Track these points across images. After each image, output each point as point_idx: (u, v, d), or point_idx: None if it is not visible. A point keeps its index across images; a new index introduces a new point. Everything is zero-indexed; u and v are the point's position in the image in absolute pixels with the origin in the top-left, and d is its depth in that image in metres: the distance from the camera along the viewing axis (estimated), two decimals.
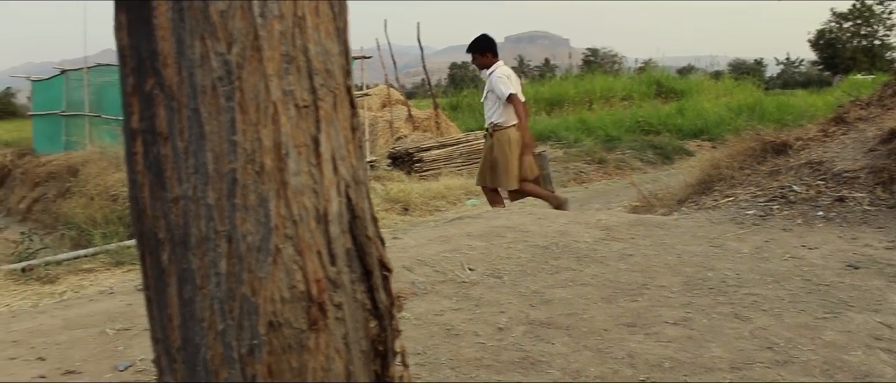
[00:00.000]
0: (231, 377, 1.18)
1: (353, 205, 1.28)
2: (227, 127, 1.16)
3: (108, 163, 12.38)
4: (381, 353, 1.31)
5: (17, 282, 7.33)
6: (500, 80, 7.22)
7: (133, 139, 1.22)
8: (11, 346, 4.05)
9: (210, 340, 1.18)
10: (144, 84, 1.19)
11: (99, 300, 5.04)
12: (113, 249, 8.43)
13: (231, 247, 1.17)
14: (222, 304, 1.17)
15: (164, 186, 1.19)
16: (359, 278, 1.28)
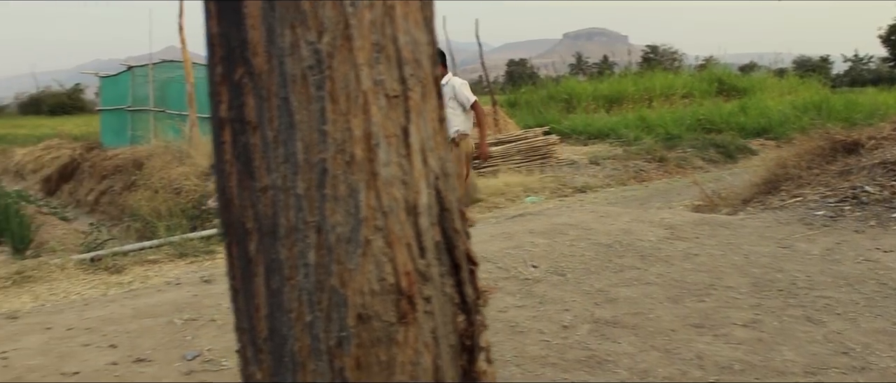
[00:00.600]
0: (318, 369, 1.17)
1: (441, 198, 1.26)
2: (317, 116, 1.15)
3: (171, 157, 12.61)
4: (469, 348, 1.28)
5: (87, 272, 7.50)
6: (465, 87, 7.15)
7: (221, 128, 1.22)
8: (85, 333, 4.14)
9: (298, 331, 1.17)
10: (234, 73, 1.18)
11: (166, 290, 5.13)
12: (176, 241, 8.57)
13: (320, 238, 1.16)
14: (311, 296, 1.16)
15: (253, 176, 1.18)
16: (448, 271, 1.26)
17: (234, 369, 3.48)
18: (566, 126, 17.11)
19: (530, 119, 18.11)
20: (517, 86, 29.40)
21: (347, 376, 1.16)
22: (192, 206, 10.33)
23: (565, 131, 16.30)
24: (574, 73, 42.70)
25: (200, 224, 9.66)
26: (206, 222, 9.67)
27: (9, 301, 6.47)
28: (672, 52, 44.87)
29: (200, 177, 11.23)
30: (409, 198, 1.19)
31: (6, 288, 6.86)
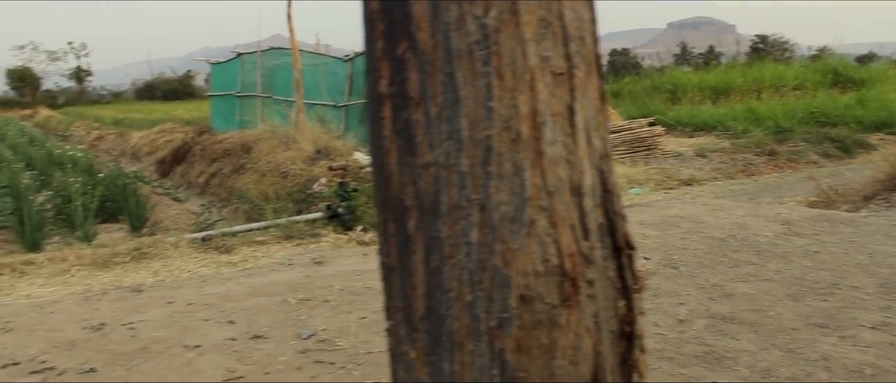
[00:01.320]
0: (477, 350, 1.15)
1: (604, 179, 1.22)
2: (483, 92, 1.13)
3: (278, 142, 12.89)
4: (628, 335, 1.24)
5: (198, 250, 7.74)
6: None
7: (380, 104, 1.21)
8: (204, 309, 4.27)
9: (457, 311, 1.15)
10: (396, 48, 1.17)
11: (279, 270, 5.25)
12: (283, 224, 8.75)
13: (484, 217, 1.13)
14: (472, 275, 1.14)
15: (414, 152, 1.16)
16: (610, 254, 1.22)
17: (349, 349, 3.52)
18: (671, 117, 16.71)
19: (634, 109, 17.76)
20: (620, 76, 28.91)
21: (507, 358, 1.14)
22: (297, 190, 10.54)
23: (670, 122, 15.93)
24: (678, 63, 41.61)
25: (306, 207, 9.85)
26: (311, 206, 9.85)
27: (128, 275, 6.75)
28: (783, 41, 43.14)
29: (306, 162, 11.45)
30: (574, 179, 1.16)
31: (125, 263, 7.15)
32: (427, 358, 1.20)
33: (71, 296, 5.06)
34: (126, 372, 3.39)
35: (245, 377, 3.24)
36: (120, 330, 3.98)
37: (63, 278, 6.81)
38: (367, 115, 1.27)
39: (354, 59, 14.49)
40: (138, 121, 27.20)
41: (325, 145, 11.87)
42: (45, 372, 3.46)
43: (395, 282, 1.23)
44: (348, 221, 8.66)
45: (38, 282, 6.81)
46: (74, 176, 12.78)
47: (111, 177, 12.89)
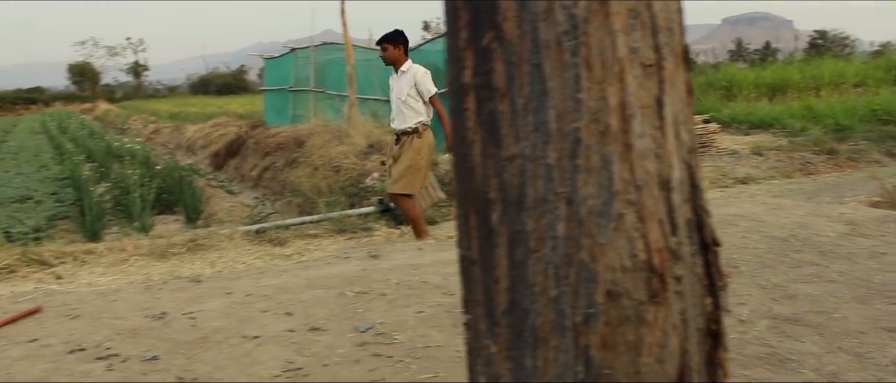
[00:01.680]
0: (561, 346, 1.13)
1: (692, 173, 1.19)
2: (571, 84, 1.11)
3: (331, 136, 12.98)
4: (714, 333, 1.21)
5: (252, 242, 7.83)
6: (427, 77, 6.85)
7: (464, 95, 1.20)
8: (262, 300, 4.32)
9: (541, 306, 1.14)
10: (481, 38, 1.15)
11: (335, 263, 5.28)
12: (336, 217, 8.81)
13: (570, 210, 1.12)
14: (557, 269, 1.12)
15: (499, 144, 1.15)
16: (697, 251, 1.19)
17: (406, 343, 3.53)
18: (726, 114, 16.41)
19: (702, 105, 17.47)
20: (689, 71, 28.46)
21: (592, 355, 1.12)
22: (350, 184, 10.61)
23: (725, 120, 15.65)
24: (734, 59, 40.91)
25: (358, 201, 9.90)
26: (363, 200, 9.90)
27: (185, 265, 6.86)
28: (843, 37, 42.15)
29: (359, 156, 11.51)
30: (663, 173, 1.13)
31: (182, 254, 7.26)
32: (509, 353, 1.18)
33: (132, 285, 5.16)
34: (187, 361, 3.44)
35: (304, 369, 3.26)
36: (180, 319, 4.04)
37: (122, 267, 6.95)
38: (450, 106, 1.26)
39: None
40: (193, 115, 27.62)
41: (378, 140, 11.92)
42: (109, 358, 3.53)
43: (476, 276, 1.22)
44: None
45: (98, 270, 6.96)
46: (132, 168, 13.04)
47: (168, 169, 13.12)
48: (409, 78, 6.78)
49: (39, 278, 6.77)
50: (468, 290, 1.26)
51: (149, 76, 72.11)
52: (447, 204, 9.20)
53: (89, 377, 3.31)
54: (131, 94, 63.62)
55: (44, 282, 6.61)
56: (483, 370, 1.23)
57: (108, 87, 68.60)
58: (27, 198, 12.21)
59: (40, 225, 10.18)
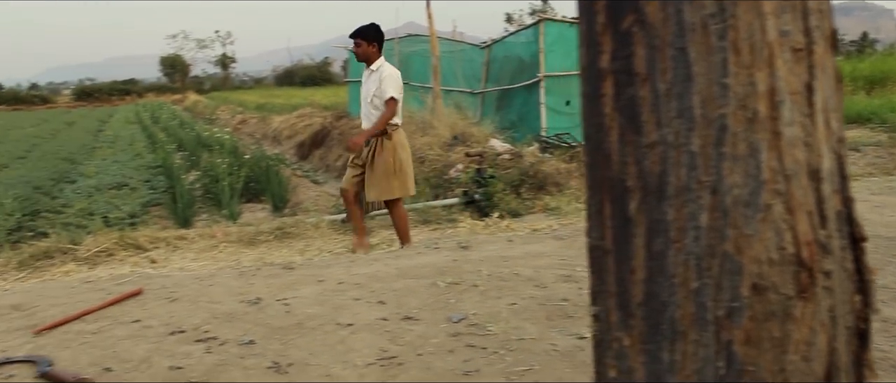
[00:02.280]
0: (702, 340, 1.10)
1: (841, 163, 1.14)
2: (717, 68, 1.07)
3: (415, 128, 13.03)
4: (861, 332, 1.16)
5: (338, 231, 7.92)
6: (391, 80, 6.43)
7: (600, 80, 1.17)
8: (354, 288, 4.36)
9: (681, 298, 1.10)
10: (621, 21, 1.12)
11: (426, 253, 5.30)
12: (420, 208, 8.85)
13: (715, 200, 1.08)
14: (699, 261, 1.09)
15: (639, 131, 1.12)
16: (847, 245, 1.14)
17: (500, 335, 3.51)
18: None
19: None
20: None
21: (735, 350, 1.08)
22: (434, 175, 10.64)
23: None
24: None
25: (442, 192, 9.93)
26: (448, 191, 9.92)
27: (272, 253, 6.99)
28: None
29: (443, 147, 11.53)
30: (812, 162, 1.09)
31: (269, 241, 7.40)
32: (643, 346, 1.15)
33: (227, 271, 5.28)
34: (282, 346, 3.50)
35: (398, 357, 3.27)
36: (275, 305, 4.11)
37: (212, 253, 7.13)
38: (581, 91, 1.23)
39: (491, 46, 14.49)
40: (279, 106, 28.13)
41: (462, 131, 11.94)
42: (208, 341, 3.61)
43: (609, 266, 1.19)
44: (485, 207, 8.68)
45: (190, 255, 7.16)
46: (221, 157, 13.36)
47: (255, 158, 13.39)
48: (377, 78, 6.43)
49: (135, 262, 7.00)
50: (599, 281, 1.23)
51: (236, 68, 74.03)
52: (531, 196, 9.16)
53: (189, 358, 3.39)
54: (219, 85, 65.38)
55: (139, 265, 6.83)
56: (614, 363, 1.20)
57: (197, 79, 70.68)
58: (123, 184, 12.63)
59: (135, 210, 10.52)
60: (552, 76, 12.19)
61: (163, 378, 3.19)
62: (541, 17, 13.16)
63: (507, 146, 10.96)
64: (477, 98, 14.32)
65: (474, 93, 14.46)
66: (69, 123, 34.46)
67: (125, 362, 3.40)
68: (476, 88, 14.50)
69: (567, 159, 10.42)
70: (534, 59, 12.44)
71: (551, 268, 4.65)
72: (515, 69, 13.39)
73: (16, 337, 3.91)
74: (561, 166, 10.10)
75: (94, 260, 7.19)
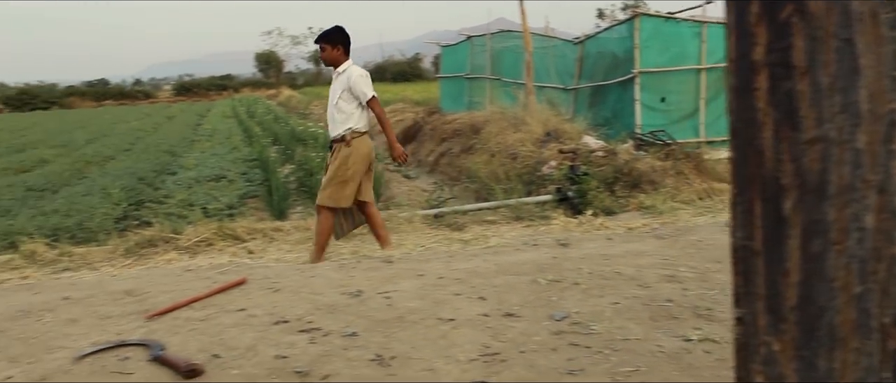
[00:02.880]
0: (864, 348, 1.04)
1: None
2: (887, 60, 1.01)
3: (507, 124, 13.00)
4: None
5: (431, 226, 7.95)
6: (364, 79, 6.12)
7: (754, 73, 1.11)
8: (455, 283, 4.36)
9: (841, 303, 1.05)
10: (778, 12, 1.07)
11: (524, 250, 5.26)
12: (513, 204, 8.80)
13: (882, 200, 1.02)
14: (863, 264, 1.03)
15: (797, 126, 1.06)
16: None
17: (604, 334, 3.45)
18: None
19: None
20: None
21: None
22: (526, 172, 10.58)
23: None
24: None
25: (535, 189, 9.87)
26: (540, 188, 9.86)
27: (365, 246, 7.05)
28: None
29: (536, 144, 11.46)
30: None
31: (363, 235, 7.47)
32: (797, 352, 1.09)
33: (328, 263, 5.36)
34: (385, 339, 3.51)
35: (501, 354, 3.25)
36: (376, 298, 4.15)
37: (307, 246, 7.23)
38: (728, 84, 1.18)
39: (585, 41, 14.33)
40: None
41: (555, 128, 11.84)
42: (311, 331, 3.66)
43: (758, 268, 1.14)
44: (578, 205, 8.58)
45: (285, 247, 7.29)
46: (314, 151, 13.58)
47: None
48: (345, 79, 6.15)
49: (233, 252, 7.17)
50: (745, 282, 1.18)
51: None
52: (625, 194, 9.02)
53: (294, 348, 3.44)
54: (312, 80, 66.66)
55: (237, 255, 7.00)
56: (761, 368, 1.15)
57: (290, 75, 72.32)
58: (221, 176, 12.98)
59: (233, 202, 10.78)
60: (647, 72, 11.99)
61: (269, 366, 3.25)
62: (635, 13, 12.94)
63: (601, 143, 10.81)
64: (570, 94, 14.18)
65: (567, 89, 14.33)
66: (170, 117, 35.64)
67: (232, 350, 3.47)
68: (569, 84, 14.36)
69: (662, 157, 10.22)
70: (628, 55, 12.25)
71: (653, 267, 4.56)
72: (609, 65, 13.21)
73: (129, 321, 4.05)
74: (656, 164, 9.91)
75: (195, 249, 7.39)
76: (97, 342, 3.70)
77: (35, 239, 7.60)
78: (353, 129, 6.11)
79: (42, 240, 7.60)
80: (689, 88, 12.07)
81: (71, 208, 10.04)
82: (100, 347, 3.60)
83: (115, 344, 3.65)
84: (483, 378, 3.01)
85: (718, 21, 12.14)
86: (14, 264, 6.95)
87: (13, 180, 14.06)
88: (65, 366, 3.39)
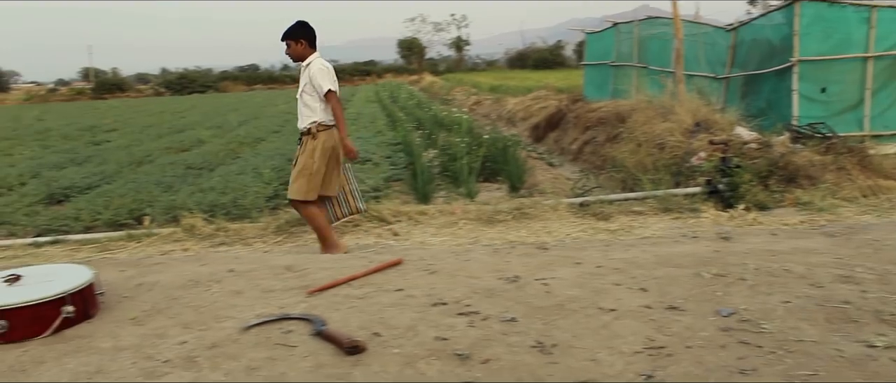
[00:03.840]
0: None
1: None
2: None
3: (654, 113, 12.67)
4: None
5: (575, 214, 7.86)
6: (324, 73, 6.00)
7: None
8: (614, 273, 4.28)
9: None
10: None
11: (682, 242, 5.12)
12: (660, 195, 8.59)
13: None
14: None
15: None
16: None
17: (776, 334, 3.29)
18: None
19: None
20: None
21: None
22: (674, 163, 10.28)
23: None
24: None
25: (683, 180, 9.59)
26: (689, 179, 9.57)
27: (510, 232, 7.03)
28: None
29: (684, 134, 11.12)
30: None
31: (507, 221, 7.46)
32: None
33: (482, 247, 5.37)
34: (544, 326, 3.48)
35: (666, 348, 3.16)
36: (533, 284, 4.12)
37: (451, 230, 7.29)
38: None
39: (738, 28, 13.77)
40: (513, 88, 28.40)
41: (705, 118, 11.43)
42: (470, 315, 3.68)
43: None
44: (729, 198, 8.27)
45: (430, 231, 7.37)
46: (458, 136, 13.66)
47: (492, 139, 13.57)
48: (307, 73, 6.15)
49: (379, 233, 7.31)
50: None
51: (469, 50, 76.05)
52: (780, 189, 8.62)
53: (453, 331, 3.46)
54: (453, 67, 67.45)
55: (382, 237, 7.14)
56: None
57: (431, 61, 73.39)
58: (366, 159, 13.25)
59: (378, 184, 10.98)
60: (807, 61, 11.39)
61: (429, 347, 3.28)
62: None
63: (755, 135, 10.35)
64: (721, 83, 13.67)
65: (718, 78, 13.81)
66: None
67: (392, 329, 3.53)
68: (720, 73, 13.85)
69: (822, 151, 9.70)
70: (786, 43, 11.66)
71: (825, 266, 4.31)
72: (765, 53, 12.62)
73: (290, 296, 4.19)
74: (815, 158, 9.41)
75: (342, 229, 7.59)
76: (261, 314, 3.86)
77: (194, 214, 7.99)
78: (318, 122, 6.07)
79: (201, 215, 7.99)
80: (853, 78, 11.37)
81: (226, 186, 10.51)
82: (265, 319, 3.75)
83: (278, 317, 3.79)
84: (649, 371, 2.93)
85: (891, 5, 11.38)
86: (176, 237, 7.35)
87: (174, 159, 14.87)
88: (233, 335, 3.54)
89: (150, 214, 8.92)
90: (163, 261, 5.41)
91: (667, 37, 14.56)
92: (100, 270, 4.34)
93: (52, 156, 16.41)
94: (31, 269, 4.35)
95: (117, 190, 10.97)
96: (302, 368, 3.10)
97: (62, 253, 7.07)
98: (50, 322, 3.71)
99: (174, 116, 30.64)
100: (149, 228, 7.91)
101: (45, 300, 3.71)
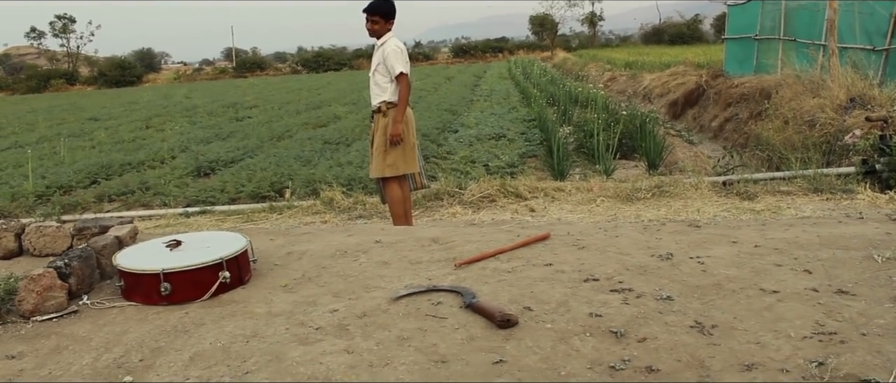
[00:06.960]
0: None
1: None
2: None
3: (802, 89, 12.05)
4: None
5: (718, 193, 7.58)
6: (397, 54, 6.07)
7: None
8: (773, 253, 4.06)
9: None
10: None
11: (848, 223, 4.82)
12: (810, 175, 8.16)
13: None
14: None
15: None
16: None
17: None
18: None
19: None
20: None
21: None
22: (825, 141, 9.75)
23: None
24: None
25: (836, 159, 9.08)
26: (841, 158, 9.05)
27: (649, 210, 6.84)
28: None
29: (837, 111, 10.52)
30: None
31: (646, 199, 7.25)
32: None
33: (630, 224, 5.23)
34: (702, 306, 3.34)
35: (838, 334, 2.95)
36: (688, 262, 3.96)
37: (588, 206, 7.15)
38: None
39: None
40: (649, 64, 27.68)
41: (860, 93, 10.76)
42: (624, 292, 3.57)
43: None
44: (888, 179, 7.75)
45: (567, 207, 7.25)
46: (593, 113, 13.42)
47: (629, 115, 13.27)
48: (380, 53, 6.19)
49: (515, 209, 7.26)
50: None
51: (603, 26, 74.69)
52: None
53: (607, 307, 3.36)
54: (586, 43, 66.44)
55: (518, 213, 7.08)
56: None
57: (563, 37, 72.47)
58: (501, 136, 13.22)
59: (513, 161, 10.93)
60: None
61: (583, 323, 3.19)
62: None
63: None
64: (880, 55, 12.82)
65: (877, 50, 12.96)
66: (448, 78, 36.97)
67: (543, 303, 3.46)
68: (879, 45, 12.98)
69: None
70: None
71: None
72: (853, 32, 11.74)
73: (438, 268, 4.19)
74: None
75: (478, 204, 7.57)
76: (410, 285, 3.87)
77: (333, 187, 8.18)
78: (386, 102, 6.20)
79: (339, 188, 8.17)
80: None
81: (363, 161, 10.70)
82: (414, 290, 3.76)
83: (428, 289, 3.79)
84: (820, 358, 2.74)
85: None
86: (315, 209, 7.54)
87: (313, 134, 15.29)
88: (383, 305, 3.57)
89: (290, 187, 9.21)
90: (310, 231, 5.54)
91: (816, 8, 13.78)
92: (252, 238, 4.47)
93: (198, 132, 17.21)
94: (189, 236, 4.53)
95: (259, 164, 11.41)
96: (453, 340, 3.08)
97: (210, 222, 7.38)
98: (208, 286, 3.85)
99: (311, 93, 31.54)
100: (289, 201, 8.17)
101: (204, 265, 3.85)
